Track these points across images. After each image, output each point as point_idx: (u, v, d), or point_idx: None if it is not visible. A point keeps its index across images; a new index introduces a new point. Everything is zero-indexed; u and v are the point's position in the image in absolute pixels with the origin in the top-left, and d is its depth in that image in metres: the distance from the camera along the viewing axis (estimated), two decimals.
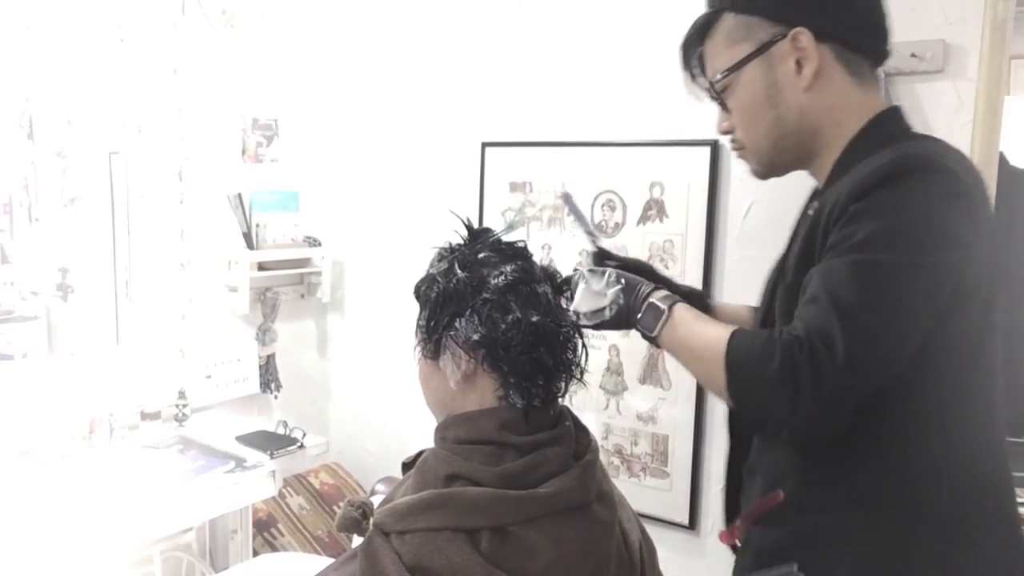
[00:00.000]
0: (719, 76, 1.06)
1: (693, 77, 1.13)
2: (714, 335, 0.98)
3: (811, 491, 1.00)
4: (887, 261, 0.88)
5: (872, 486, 0.96)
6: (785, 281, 1.02)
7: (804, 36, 1.00)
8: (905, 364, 0.90)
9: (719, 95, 1.09)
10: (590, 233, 1.22)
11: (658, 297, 1.08)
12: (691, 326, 1.03)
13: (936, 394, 0.94)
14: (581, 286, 1.06)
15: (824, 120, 1.04)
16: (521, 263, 0.95)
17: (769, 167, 1.11)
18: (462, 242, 0.99)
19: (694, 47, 1.11)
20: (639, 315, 1.09)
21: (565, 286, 1.04)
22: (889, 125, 1.03)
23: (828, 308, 0.87)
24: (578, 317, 1.08)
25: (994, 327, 0.97)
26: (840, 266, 0.89)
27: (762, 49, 1.03)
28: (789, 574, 0.98)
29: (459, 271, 0.94)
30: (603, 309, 1.09)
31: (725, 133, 1.13)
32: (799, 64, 1.02)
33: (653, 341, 1.08)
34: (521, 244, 0.99)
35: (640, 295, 1.09)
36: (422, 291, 0.98)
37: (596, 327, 1.12)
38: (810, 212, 1.05)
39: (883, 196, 0.90)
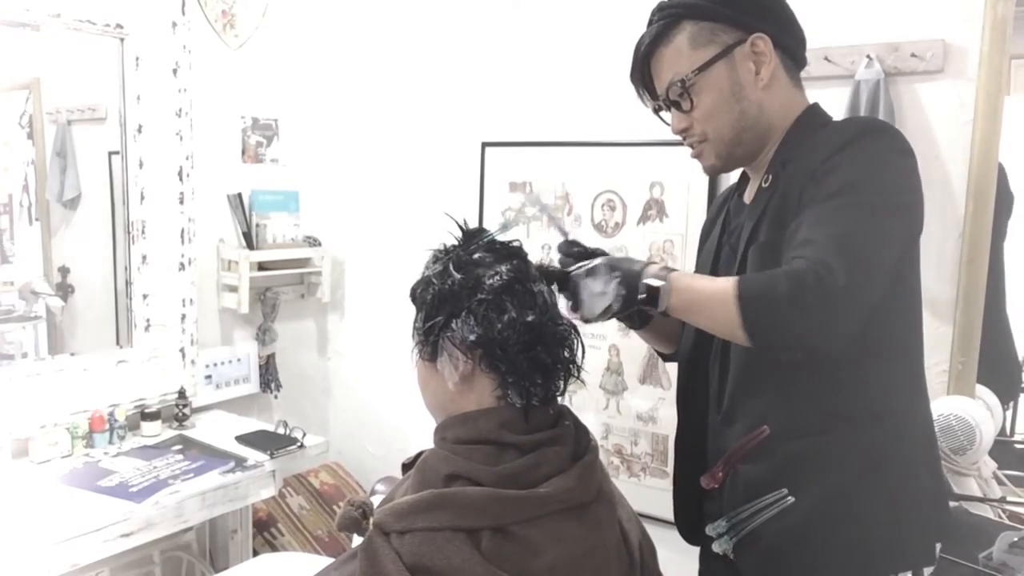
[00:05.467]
0: (691, 74, 1.14)
1: (644, 82, 1.21)
2: (718, 286, 1.05)
3: (795, 420, 1.10)
4: (865, 201, 1.02)
5: (855, 406, 1.08)
6: (757, 241, 1.12)
7: (762, 41, 1.13)
8: (887, 286, 1.03)
9: (681, 95, 1.16)
10: (564, 232, 1.23)
11: (651, 274, 1.10)
12: (693, 285, 1.09)
13: (903, 326, 1.11)
14: (584, 294, 1.06)
15: (777, 114, 1.16)
16: (516, 263, 0.95)
17: (727, 160, 1.20)
18: (457, 243, 0.99)
19: (651, 54, 1.18)
20: (642, 295, 1.10)
21: (564, 286, 1.05)
22: (819, 115, 1.18)
23: (823, 243, 0.98)
24: (586, 322, 1.08)
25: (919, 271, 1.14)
26: (826, 211, 1.02)
27: (726, 51, 1.13)
28: (780, 499, 1.07)
29: (454, 272, 0.93)
30: (610, 305, 1.09)
31: (681, 132, 1.21)
32: (755, 65, 1.13)
33: (663, 314, 1.11)
34: (516, 243, 0.99)
35: (636, 277, 1.10)
36: (418, 293, 0.98)
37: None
38: (764, 184, 1.15)
39: (850, 152, 1.04)
